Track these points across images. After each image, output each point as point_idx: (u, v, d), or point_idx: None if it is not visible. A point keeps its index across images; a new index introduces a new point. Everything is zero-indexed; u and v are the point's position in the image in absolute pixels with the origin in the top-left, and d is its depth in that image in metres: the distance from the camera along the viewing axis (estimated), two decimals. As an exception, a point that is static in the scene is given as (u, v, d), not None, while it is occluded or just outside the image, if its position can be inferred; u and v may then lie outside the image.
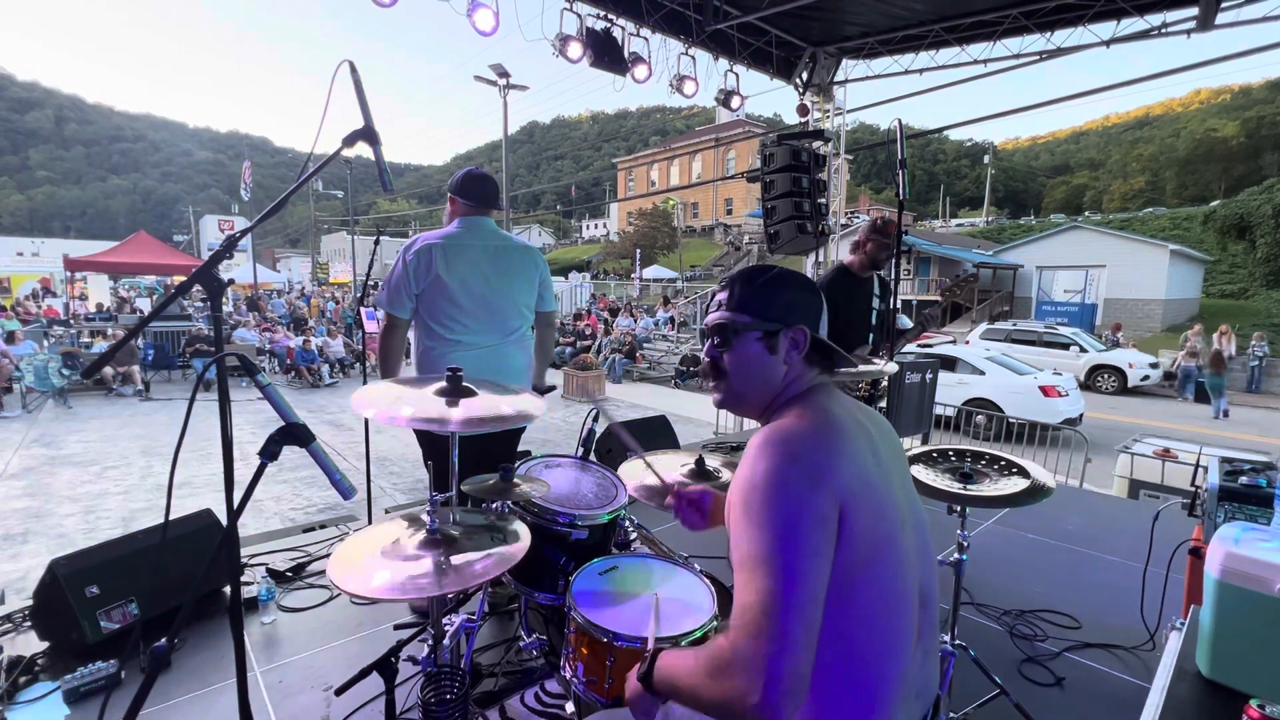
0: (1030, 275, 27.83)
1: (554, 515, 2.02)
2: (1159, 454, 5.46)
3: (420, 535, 1.63)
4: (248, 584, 2.91)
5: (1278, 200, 24.94)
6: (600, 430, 3.67)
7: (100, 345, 12.97)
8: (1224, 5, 5.31)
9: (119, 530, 5.15)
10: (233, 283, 25.38)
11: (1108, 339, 17.83)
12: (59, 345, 12.07)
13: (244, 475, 1.26)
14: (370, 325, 5.79)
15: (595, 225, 72.77)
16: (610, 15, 5.75)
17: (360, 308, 5.10)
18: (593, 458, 2.54)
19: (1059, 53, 6.19)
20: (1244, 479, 2.59)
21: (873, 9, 6.32)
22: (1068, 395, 9.70)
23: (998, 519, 4.21)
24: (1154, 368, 15.47)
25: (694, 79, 6.45)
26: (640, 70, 6.02)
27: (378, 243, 4.53)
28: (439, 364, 2.56)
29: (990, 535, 4.00)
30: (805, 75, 7.46)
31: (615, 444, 4.54)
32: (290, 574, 3.18)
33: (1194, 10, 5.41)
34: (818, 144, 6.78)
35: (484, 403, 1.90)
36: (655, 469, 1.67)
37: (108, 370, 11.08)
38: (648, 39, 6.06)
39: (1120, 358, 15.62)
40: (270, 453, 1.24)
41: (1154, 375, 15.42)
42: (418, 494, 6.14)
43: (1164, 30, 5.64)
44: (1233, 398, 15.09)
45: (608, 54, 5.78)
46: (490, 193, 2.72)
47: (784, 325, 1.14)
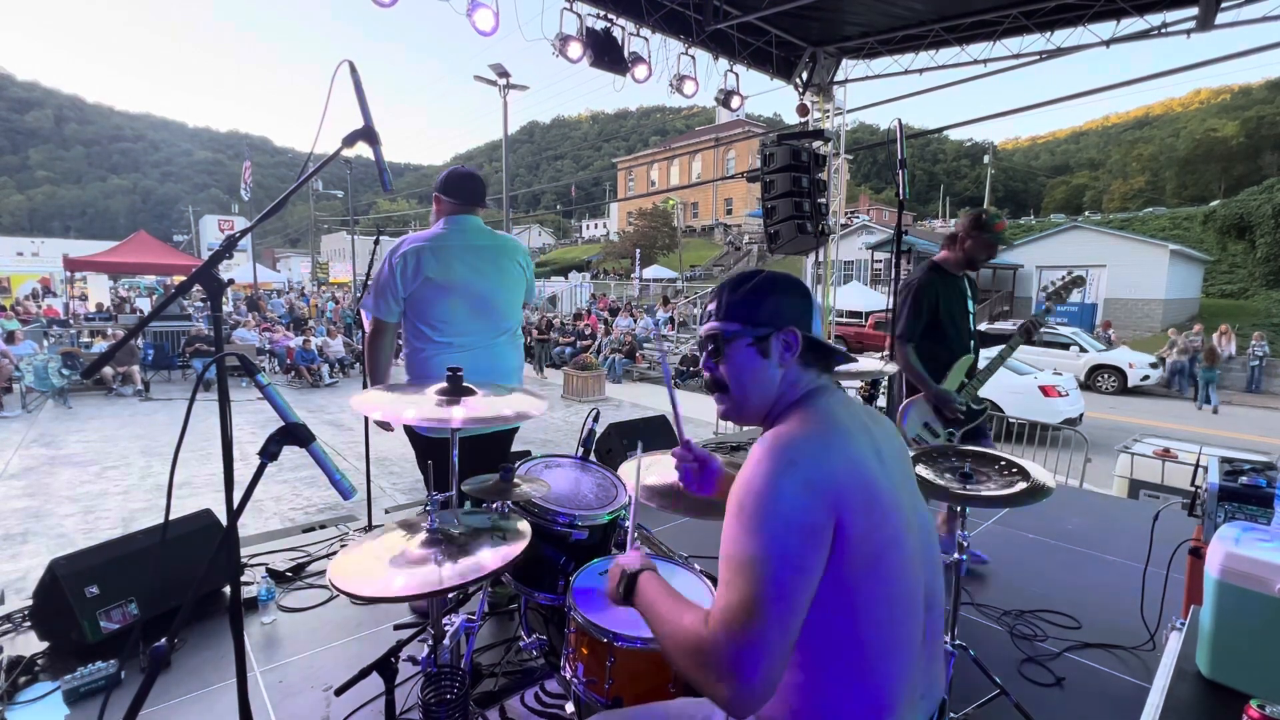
0: (1030, 275, 27.82)
1: (554, 515, 2.02)
2: (1159, 454, 5.46)
3: (420, 535, 1.63)
4: (248, 584, 2.91)
5: (1278, 200, 24.94)
6: (600, 430, 3.67)
7: (100, 345, 12.97)
8: (1224, 5, 5.31)
9: (119, 530, 5.16)
10: (232, 283, 25.40)
11: (1099, 335, 17.85)
12: (59, 345, 12.08)
13: (244, 475, 1.26)
14: (370, 325, 5.78)
15: (595, 225, 72.76)
16: (610, 15, 5.74)
17: (360, 307, 5.09)
18: (593, 458, 2.54)
19: (1059, 53, 6.19)
20: (1244, 479, 2.59)
21: (873, 9, 6.32)
22: (1068, 395, 9.70)
23: (998, 519, 4.21)
24: (1154, 367, 15.47)
25: (694, 79, 6.45)
26: (640, 70, 6.02)
27: (378, 243, 4.53)
28: (431, 366, 2.53)
29: (990, 535, 4.00)
30: (805, 75, 7.45)
31: (615, 444, 4.55)
32: (290, 574, 3.18)
33: (1194, 10, 5.41)
34: (818, 144, 6.78)
35: (484, 401, 1.90)
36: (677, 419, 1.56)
37: (108, 370, 11.08)
38: (648, 39, 6.06)
39: (1120, 358, 15.62)
40: (270, 453, 1.24)
41: (1154, 375, 15.43)
42: (418, 494, 6.13)
43: (1164, 30, 5.64)
44: (1233, 397, 15.11)
45: (608, 54, 5.78)
46: (476, 190, 2.68)
47: (773, 329, 1.13)
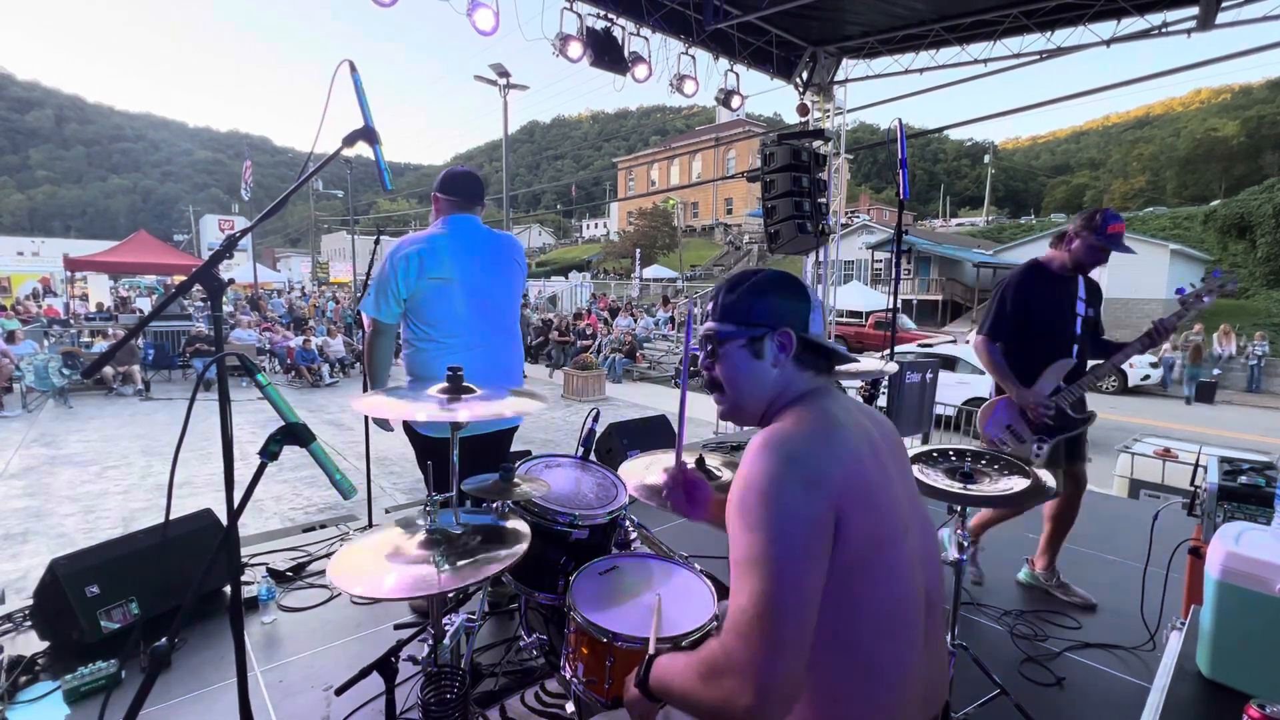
0: (1030, 275, 27.78)
1: (554, 515, 2.02)
2: (1159, 454, 5.46)
3: (420, 535, 1.63)
4: (248, 584, 2.90)
5: (1278, 200, 24.93)
6: (600, 430, 3.67)
7: (100, 345, 12.97)
8: (1224, 5, 5.30)
9: (119, 530, 5.15)
10: (232, 282, 25.39)
11: None
12: (59, 345, 12.08)
13: (244, 475, 1.25)
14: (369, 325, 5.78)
15: (595, 225, 72.75)
16: (610, 15, 5.74)
17: (359, 309, 5.09)
18: (593, 458, 2.54)
19: (1059, 52, 6.18)
20: (1243, 479, 2.59)
21: (873, 8, 6.32)
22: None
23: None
24: (1154, 367, 15.48)
25: (694, 78, 6.45)
26: (640, 70, 6.02)
27: (378, 242, 4.53)
28: (432, 366, 2.53)
29: (990, 535, 3.99)
30: (805, 75, 7.45)
31: (615, 444, 4.54)
32: (290, 574, 3.18)
33: (1194, 10, 5.41)
34: (818, 143, 6.78)
35: (484, 399, 1.90)
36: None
37: (108, 370, 11.07)
38: (648, 38, 6.06)
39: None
40: (270, 453, 1.24)
41: (1154, 375, 15.45)
42: (418, 494, 6.13)
43: (1164, 30, 5.63)
44: (1233, 397, 15.12)
45: (608, 53, 5.78)
46: (474, 189, 2.68)
47: (767, 330, 1.13)
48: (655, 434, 4.69)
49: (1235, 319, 19.79)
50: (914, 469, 2.15)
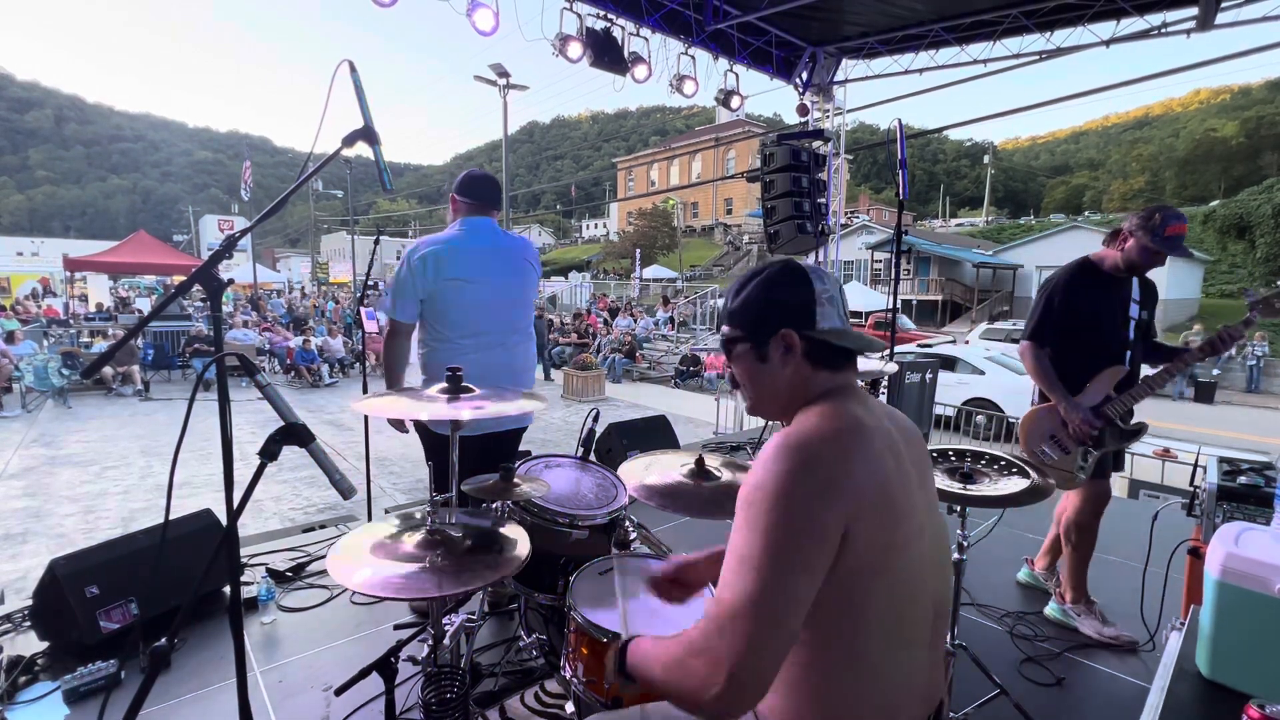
0: (1030, 275, 27.85)
1: (554, 515, 2.01)
2: (1159, 454, 5.46)
3: (420, 535, 1.63)
4: (248, 584, 2.91)
5: (1277, 200, 24.93)
6: (600, 430, 3.67)
7: (100, 345, 12.98)
8: (1224, 5, 5.31)
9: (119, 530, 5.15)
10: (232, 283, 25.36)
11: None
12: (59, 345, 12.07)
13: (244, 475, 1.25)
14: (370, 325, 5.79)
15: (595, 225, 72.78)
16: (610, 15, 5.74)
17: (360, 307, 5.10)
18: (593, 458, 2.54)
19: (1059, 53, 6.19)
20: (1243, 479, 2.59)
21: (873, 9, 6.32)
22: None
23: (997, 519, 4.20)
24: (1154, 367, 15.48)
25: (694, 79, 6.45)
26: (640, 70, 6.02)
27: (378, 243, 4.54)
28: (448, 366, 2.56)
29: (990, 535, 3.99)
30: (805, 75, 7.46)
31: (615, 444, 4.54)
32: (290, 574, 3.17)
33: (1194, 10, 5.41)
34: (818, 144, 6.79)
35: (483, 400, 1.91)
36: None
37: (107, 370, 11.07)
38: (647, 39, 6.06)
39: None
40: (270, 453, 1.24)
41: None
42: (418, 494, 6.13)
43: (1164, 30, 5.64)
44: (1232, 397, 15.12)
45: (608, 54, 5.78)
46: (491, 192, 2.74)
47: (769, 334, 1.10)
48: (655, 434, 4.69)
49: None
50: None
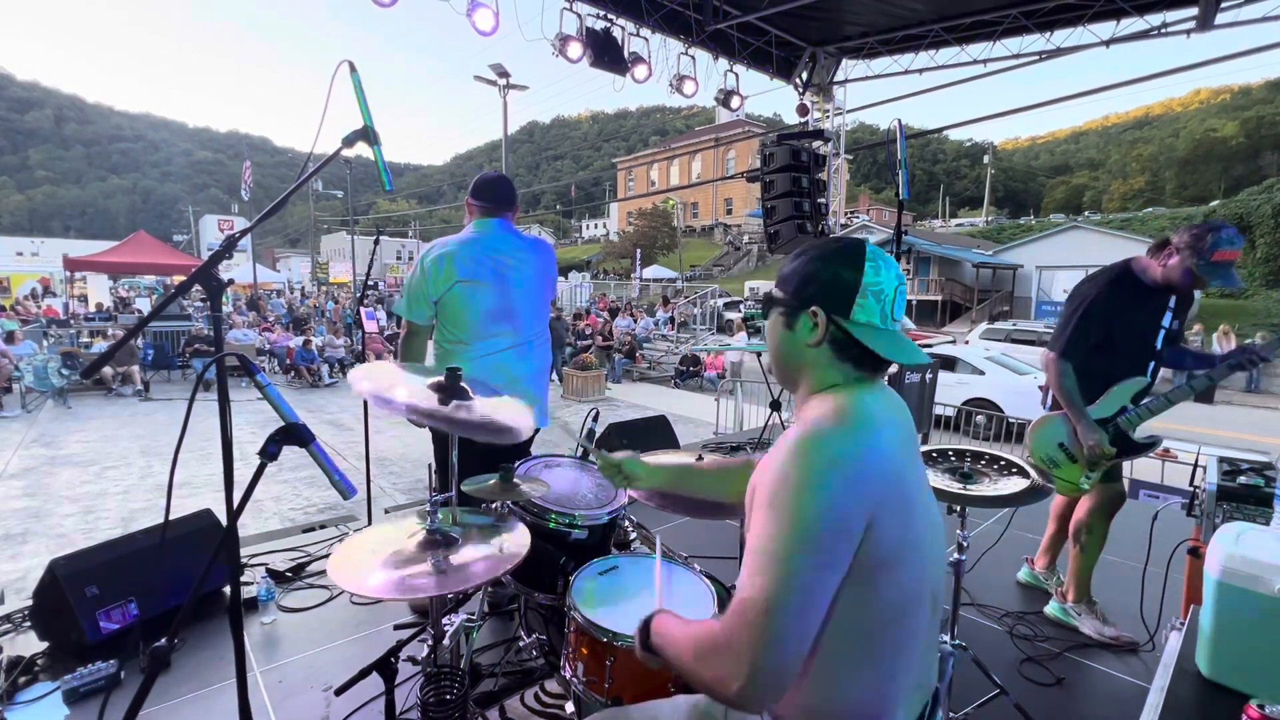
0: (1030, 275, 27.85)
1: (554, 515, 2.01)
2: (1158, 454, 5.45)
3: (420, 535, 1.63)
4: (248, 584, 2.90)
5: (1277, 200, 24.97)
6: (600, 431, 3.67)
7: (100, 345, 12.97)
8: (1224, 5, 5.32)
9: (119, 530, 5.15)
10: (232, 283, 25.36)
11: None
12: (59, 345, 12.06)
13: (244, 475, 1.25)
14: (370, 325, 5.78)
15: (595, 225, 72.80)
16: (610, 15, 5.75)
17: (360, 308, 5.11)
18: (592, 457, 2.54)
19: (1059, 53, 6.19)
20: (1242, 479, 2.58)
21: (873, 9, 6.32)
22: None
23: (997, 519, 4.20)
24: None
25: (694, 79, 6.46)
26: (640, 70, 6.02)
27: (377, 243, 4.55)
28: (449, 366, 2.56)
29: (990, 536, 3.99)
30: (805, 75, 7.46)
31: (615, 444, 4.55)
32: (290, 574, 3.17)
33: (1194, 10, 5.42)
34: (817, 144, 6.79)
35: (481, 400, 1.91)
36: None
37: (107, 370, 11.07)
38: (647, 39, 6.06)
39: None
40: (270, 453, 1.24)
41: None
42: (418, 494, 6.13)
43: (1164, 30, 5.64)
44: (1232, 397, 15.11)
45: (608, 54, 5.78)
46: (504, 193, 2.73)
47: (801, 305, 1.08)
48: (655, 434, 4.69)
49: (1235, 319, 19.79)
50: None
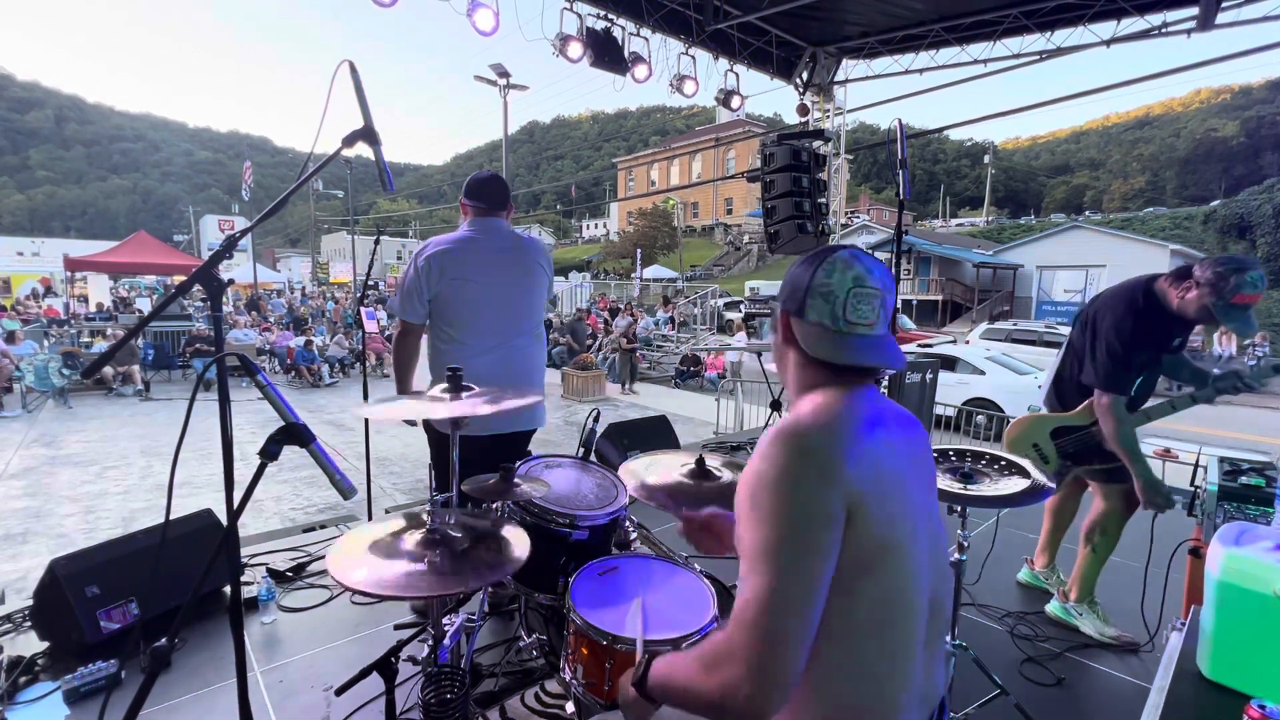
0: (1030, 275, 27.85)
1: (554, 516, 2.01)
2: (1159, 454, 5.46)
3: (420, 535, 1.63)
4: (248, 584, 2.90)
5: (1277, 200, 24.96)
6: (600, 430, 3.66)
7: (100, 345, 12.96)
8: (1224, 5, 5.31)
9: (119, 530, 5.15)
10: (232, 283, 25.36)
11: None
12: (59, 345, 12.07)
13: (244, 475, 1.25)
14: (370, 325, 5.78)
15: (595, 225, 72.80)
16: (610, 15, 5.75)
17: (360, 308, 5.10)
18: (593, 458, 2.54)
19: (1059, 53, 6.19)
20: (1243, 479, 2.59)
21: (873, 9, 6.32)
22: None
23: (998, 519, 4.20)
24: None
25: (694, 79, 6.46)
26: (640, 70, 6.02)
27: (378, 243, 4.54)
28: (449, 366, 2.56)
29: (991, 535, 3.99)
30: (805, 75, 7.46)
31: (616, 444, 4.54)
32: (290, 574, 3.17)
33: (1194, 10, 5.41)
34: (818, 144, 6.78)
35: (489, 397, 1.91)
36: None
37: (108, 370, 11.07)
38: (648, 39, 6.06)
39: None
40: (270, 453, 1.24)
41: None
42: (418, 494, 6.13)
43: (1164, 30, 5.64)
44: (1233, 397, 15.10)
45: (608, 54, 5.78)
46: (497, 193, 2.73)
47: (783, 309, 1.13)
48: (655, 434, 4.69)
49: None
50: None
